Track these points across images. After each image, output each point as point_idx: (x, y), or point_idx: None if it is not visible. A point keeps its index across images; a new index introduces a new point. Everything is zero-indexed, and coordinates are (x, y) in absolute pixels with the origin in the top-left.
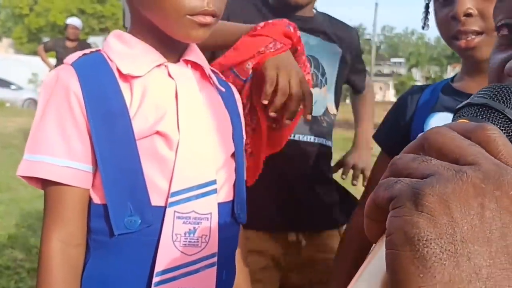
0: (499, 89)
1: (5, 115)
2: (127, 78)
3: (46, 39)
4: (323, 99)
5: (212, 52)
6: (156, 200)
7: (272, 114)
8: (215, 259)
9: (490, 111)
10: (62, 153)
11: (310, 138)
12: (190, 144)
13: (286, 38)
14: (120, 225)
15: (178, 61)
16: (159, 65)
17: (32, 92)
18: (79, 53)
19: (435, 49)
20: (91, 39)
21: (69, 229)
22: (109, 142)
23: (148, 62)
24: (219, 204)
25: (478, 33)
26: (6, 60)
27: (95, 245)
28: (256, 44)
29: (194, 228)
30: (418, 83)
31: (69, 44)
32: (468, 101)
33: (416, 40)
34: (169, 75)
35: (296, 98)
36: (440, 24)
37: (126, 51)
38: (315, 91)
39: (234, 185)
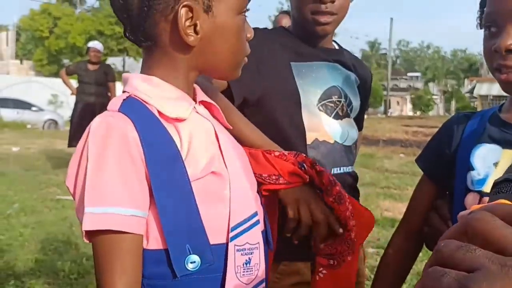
0: None
1: (27, 137)
2: (170, 121)
3: (66, 60)
4: (352, 128)
5: None
6: (215, 238)
7: (295, 241)
8: (264, 284)
9: None
10: (127, 203)
11: (347, 169)
12: (237, 180)
13: (294, 176)
14: (181, 267)
15: (195, 102)
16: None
17: (52, 113)
18: (119, 99)
19: (451, 62)
20: (110, 60)
21: (134, 277)
22: (167, 187)
23: (186, 105)
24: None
25: None
26: (27, 82)
27: None
28: (263, 168)
29: (249, 258)
30: (435, 97)
31: (91, 67)
32: (505, 176)
33: (432, 54)
34: (203, 117)
35: (323, 225)
36: (485, 54)
37: (161, 95)
38: (346, 121)
39: (263, 216)
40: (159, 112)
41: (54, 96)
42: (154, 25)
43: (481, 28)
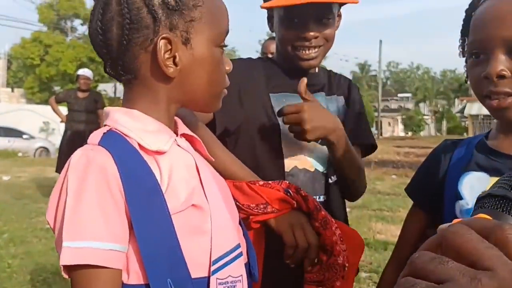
0: None
1: (18, 165)
2: (150, 154)
3: (57, 88)
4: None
5: None
6: (196, 271)
7: (292, 265)
8: None
9: (510, 203)
10: (106, 237)
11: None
12: (219, 213)
13: (281, 202)
14: None
15: (176, 135)
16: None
17: (43, 141)
18: (99, 133)
19: (441, 83)
20: (101, 86)
21: None
22: (146, 220)
23: (167, 137)
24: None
25: (510, 94)
26: (18, 110)
27: None
28: (250, 199)
29: None
30: (426, 118)
31: (80, 94)
32: (488, 191)
33: (422, 75)
34: (184, 150)
35: (314, 249)
36: (473, 82)
37: (142, 128)
38: (323, 148)
39: (246, 248)
40: (139, 145)
41: (46, 124)
42: (134, 58)
43: (463, 56)
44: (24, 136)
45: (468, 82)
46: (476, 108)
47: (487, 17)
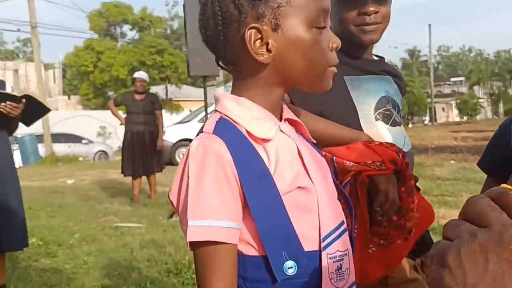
0: None
1: (80, 169)
2: (258, 140)
3: (110, 93)
4: (403, 134)
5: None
6: (307, 246)
7: (379, 215)
8: (354, 287)
9: None
10: (224, 216)
11: None
12: (323, 193)
13: (391, 163)
14: (281, 272)
15: (281, 120)
16: None
17: (102, 145)
18: (213, 121)
19: (495, 64)
20: (153, 89)
21: (232, 283)
22: (260, 201)
23: (272, 124)
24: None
25: None
26: (76, 117)
27: None
28: (368, 156)
29: (340, 265)
30: (482, 101)
31: (137, 96)
32: None
33: (475, 57)
34: (286, 135)
35: (395, 207)
36: None
37: (249, 115)
38: (398, 129)
39: (347, 222)
40: (247, 132)
41: (102, 128)
42: (231, 51)
43: None
44: (83, 141)
45: None
46: None
47: None
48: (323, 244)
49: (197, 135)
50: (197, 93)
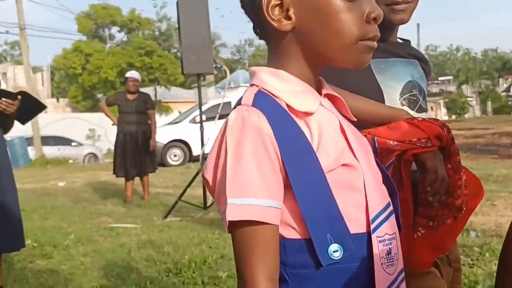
0: None
1: (70, 171)
2: (299, 114)
3: (99, 95)
4: None
5: None
6: (354, 228)
7: (430, 195)
8: (403, 274)
9: None
10: (265, 194)
11: None
12: (369, 171)
13: (437, 139)
14: (326, 256)
15: (320, 95)
16: None
17: (91, 147)
18: (251, 93)
19: (483, 63)
20: (142, 90)
21: (274, 266)
22: (303, 178)
23: (314, 98)
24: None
25: None
26: (65, 119)
27: (297, 279)
28: (412, 134)
29: (389, 249)
30: (470, 99)
31: (130, 96)
32: None
33: (463, 56)
34: (328, 110)
35: (445, 184)
36: None
37: (289, 88)
38: (424, 115)
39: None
40: (287, 105)
41: (91, 130)
42: (259, 20)
43: None
44: (73, 144)
45: None
46: None
47: None
48: (372, 226)
49: (234, 107)
50: (186, 94)
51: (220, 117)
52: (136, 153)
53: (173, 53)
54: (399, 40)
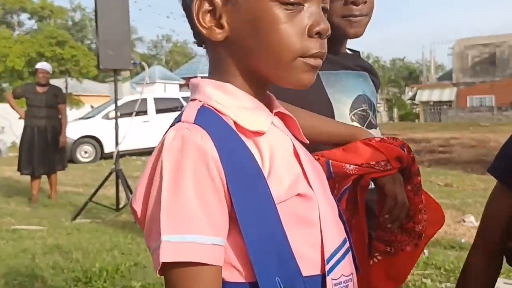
0: None
1: None
2: (248, 134)
3: (5, 84)
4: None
5: None
6: (307, 269)
7: (389, 222)
8: None
9: None
10: (208, 230)
11: None
12: (325, 202)
13: (397, 161)
14: None
15: (271, 113)
16: None
17: None
18: (193, 108)
19: (391, 71)
20: (52, 82)
21: None
22: (250, 210)
23: (265, 116)
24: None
25: None
26: None
27: None
28: (371, 156)
29: None
30: (378, 105)
31: (39, 89)
32: None
33: (373, 64)
34: (281, 130)
35: (405, 210)
36: None
37: (237, 104)
38: (374, 132)
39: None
40: (235, 124)
41: None
42: (192, 26)
43: None
44: None
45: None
46: (426, 95)
47: None
48: (327, 267)
49: (172, 125)
50: (99, 88)
51: (137, 114)
52: (45, 150)
53: (86, 44)
54: (348, 51)
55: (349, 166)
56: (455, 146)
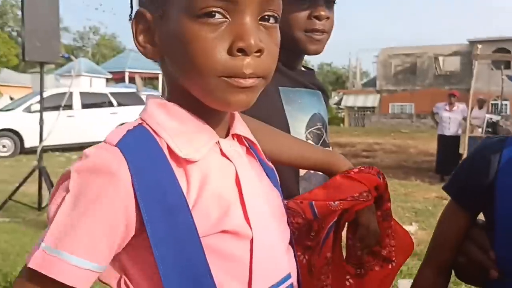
0: None
1: None
2: (180, 161)
3: None
4: None
5: None
6: None
7: (360, 249)
8: None
9: None
10: (88, 254)
11: None
12: (264, 239)
13: (375, 190)
14: None
15: (227, 135)
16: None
17: None
18: (124, 129)
19: (319, 75)
20: None
21: None
22: (170, 244)
23: (204, 141)
24: None
25: None
26: None
27: None
28: (353, 189)
29: None
30: None
31: None
32: None
33: None
34: (223, 155)
35: (376, 238)
36: None
37: (176, 127)
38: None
39: (297, 273)
40: (169, 148)
41: None
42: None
43: None
44: None
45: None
46: (352, 100)
47: None
48: None
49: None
50: (19, 78)
51: (64, 108)
52: None
53: (7, 32)
54: (303, 69)
55: (334, 203)
56: (378, 151)
